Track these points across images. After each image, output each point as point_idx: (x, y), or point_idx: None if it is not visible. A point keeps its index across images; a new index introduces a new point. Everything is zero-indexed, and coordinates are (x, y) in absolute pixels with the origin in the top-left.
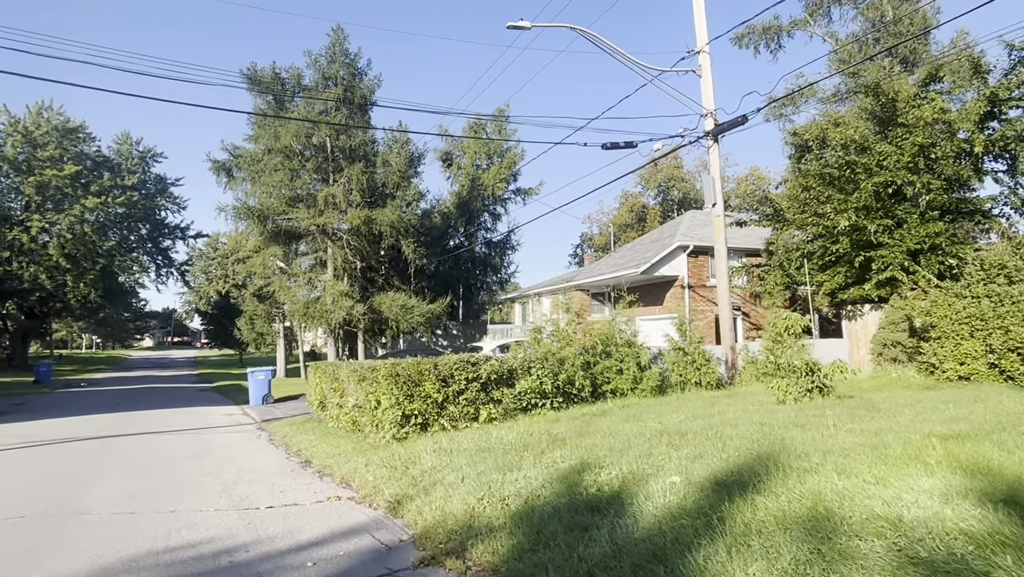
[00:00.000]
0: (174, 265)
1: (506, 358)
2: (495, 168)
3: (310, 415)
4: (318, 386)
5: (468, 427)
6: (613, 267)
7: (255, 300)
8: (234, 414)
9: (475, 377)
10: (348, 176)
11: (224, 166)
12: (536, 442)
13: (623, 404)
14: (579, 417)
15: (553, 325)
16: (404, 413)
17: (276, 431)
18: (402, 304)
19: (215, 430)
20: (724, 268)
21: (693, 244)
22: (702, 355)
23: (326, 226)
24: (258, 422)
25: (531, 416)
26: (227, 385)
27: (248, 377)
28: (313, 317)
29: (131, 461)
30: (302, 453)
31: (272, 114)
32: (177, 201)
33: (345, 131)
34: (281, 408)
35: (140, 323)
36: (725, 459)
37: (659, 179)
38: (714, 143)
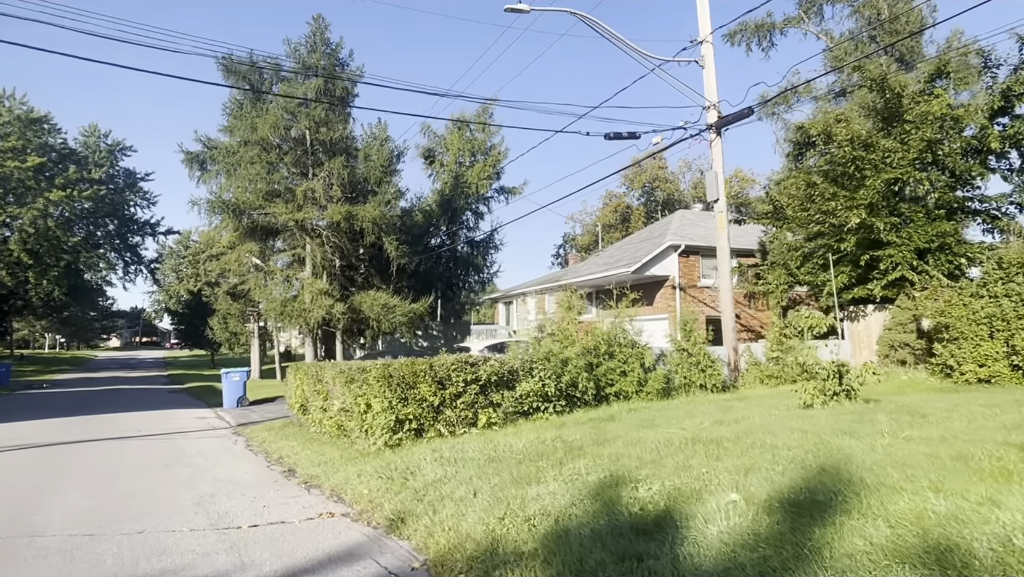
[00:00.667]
0: (143, 262)
1: (505, 359)
2: (479, 166)
3: (289, 419)
4: (299, 388)
5: (466, 433)
6: (602, 267)
7: (228, 299)
8: (207, 417)
9: (474, 379)
10: (328, 170)
11: (197, 158)
12: (550, 451)
13: (630, 408)
14: (586, 422)
15: (554, 324)
16: (398, 418)
17: (254, 436)
18: (384, 303)
19: (187, 435)
20: (727, 267)
21: (684, 244)
22: (707, 357)
23: (305, 222)
24: (233, 426)
25: (533, 421)
26: (199, 387)
27: (222, 378)
28: (291, 316)
29: (94, 470)
30: (284, 461)
31: (249, 103)
32: (147, 196)
33: (325, 123)
34: (257, 411)
35: (107, 323)
36: (782, 472)
37: (643, 180)
38: (717, 136)
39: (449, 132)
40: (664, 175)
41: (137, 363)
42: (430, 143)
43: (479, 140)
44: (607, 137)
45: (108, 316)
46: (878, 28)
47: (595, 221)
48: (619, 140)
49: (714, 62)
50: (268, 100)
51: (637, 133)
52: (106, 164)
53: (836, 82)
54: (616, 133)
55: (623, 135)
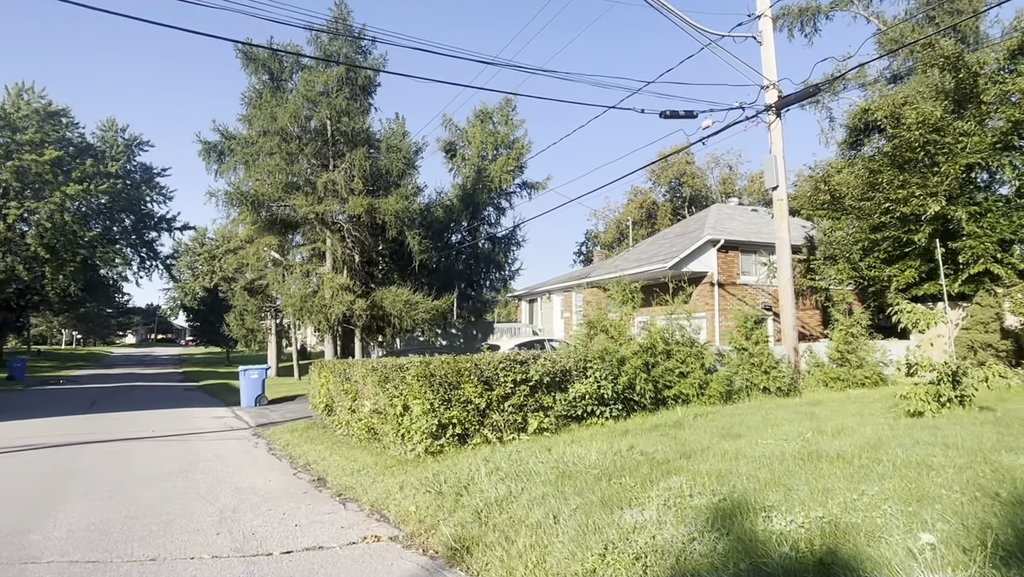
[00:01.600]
0: (159, 258)
1: (556, 357)
2: (502, 159)
3: (312, 419)
4: (323, 387)
5: (515, 439)
6: (635, 262)
7: (246, 294)
8: (225, 417)
9: (523, 379)
10: (350, 161)
11: (215, 148)
12: (631, 465)
13: (695, 413)
14: (652, 429)
15: (606, 320)
16: (440, 422)
17: (275, 438)
18: (406, 300)
19: (204, 436)
20: (787, 259)
21: (724, 238)
22: (770, 357)
23: (325, 215)
24: (253, 427)
25: (587, 426)
26: (215, 384)
27: (240, 376)
28: (310, 312)
29: (103, 477)
30: (312, 468)
31: (269, 92)
32: (163, 192)
33: (347, 113)
34: (277, 410)
35: (123, 319)
36: (969, 502)
37: (670, 175)
38: (776, 118)
39: (471, 125)
40: (691, 170)
41: (152, 360)
42: (451, 136)
43: (502, 133)
44: (663, 115)
45: (124, 313)
46: (937, 8)
47: (620, 217)
48: (675, 119)
49: (773, 38)
50: (288, 89)
51: (694, 112)
52: (122, 159)
53: (887, 68)
54: (672, 111)
55: (680, 113)
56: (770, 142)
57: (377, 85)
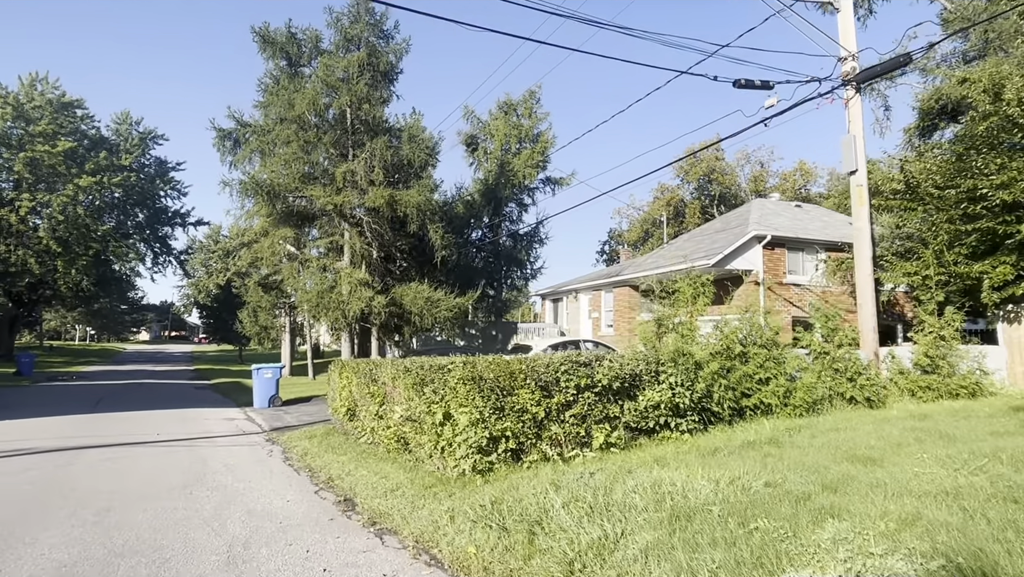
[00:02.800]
0: (172, 253)
1: (624, 359)
2: (527, 152)
3: (331, 424)
4: (345, 389)
5: (577, 456)
6: (672, 260)
7: (260, 290)
8: (236, 419)
9: (588, 385)
10: (370, 151)
11: (230, 136)
12: (761, 500)
13: (784, 427)
14: (744, 448)
15: (672, 318)
16: (491, 434)
17: (292, 445)
18: (427, 297)
19: (214, 442)
20: (867, 252)
21: (771, 234)
22: (856, 363)
23: (344, 207)
24: (267, 431)
25: (659, 441)
26: (226, 383)
27: (253, 375)
28: (327, 309)
29: (92, 492)
30: (336, 485)
31: (287, 78)
32: (177, 187)
33: (368, 100)
34: (292, 413)
35: (137, 316)
36: None
37: (699, 172)
38: (855, 93)
39: (493, 118)
40: (721, 167)
41: (164, 357)
42: (473, 129)
43: (526, 127)
44: (736, 84)
45: (138, 309)
46: None
47: (646, 215)
48: (750, 88)
49: (851, 5)
50: (306, 75)
51: (770, 82)
52: (137, 152)
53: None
54: (748, 80)
55: (755, 83)
56: (847, 120)
57: (399, 72)
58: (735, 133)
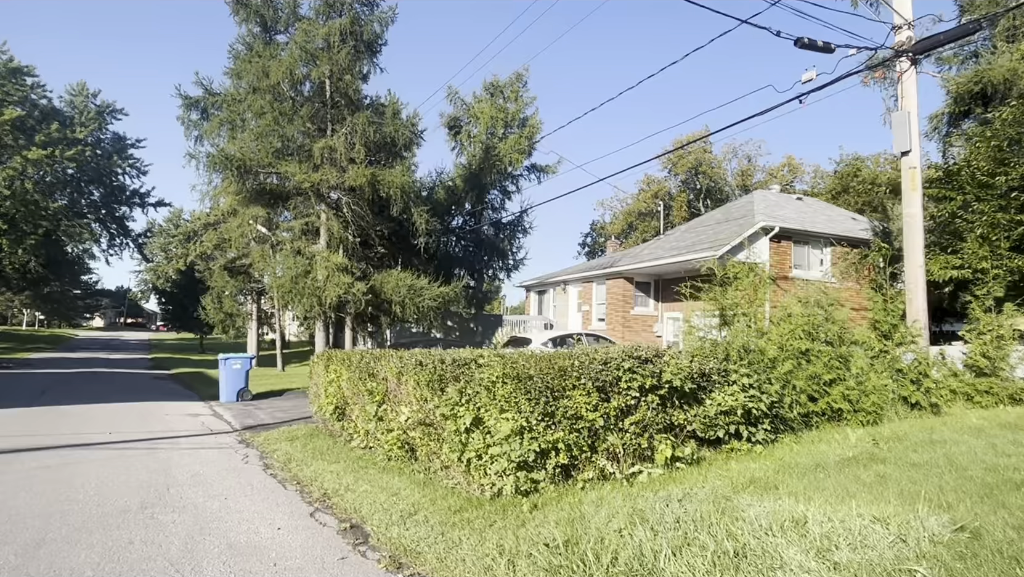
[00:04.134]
0: (130, 235)
1: (692, 355)
2: (514, 137)
3: (312, 423)
4: (332, 384)
5: (641, 473)
6: (672, 251)
7: (225, 274)
8: (202, 415)
9: (653, 385)
10: (351, 127)
11: (197, 105)
12: (989, 561)
13: (871, 436)
14: (843, 465)
15: (739, 307)
16: (540, 447)
17: (271, 449)
18: (410, 285)
19: (177, 443)
20: (919, 240)
21: (779, 226)
22: (923, 363)
23: (321, 185)
24: (238, 430)
25: (728, 455)
26: (188, 373)
27: (219, 365)
28: (301, 295)
29: (23, 515)
30: (334, 504)
31: (261, 44)
32: (137, 165)
33: (349, 71)
34: (264, 408)
35: (90, 301)
36: None
37: (687, 164)
38: (911, 66)
39: (477, 101)
40: (709, 159)
41: (120, 344)
42: (457, 111)
43: (512, 110)
44: (798, 43)
45: (92, 294)
46: None
47: (632, 206)
48: (812, 49)
49: None
50: (282, 43)
51: (831, 45)
52: (93, 125)
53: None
54: (810, 40)
55: (817, 44)
56: (900, 96)
57: (383, 43)
58: (766, 110)
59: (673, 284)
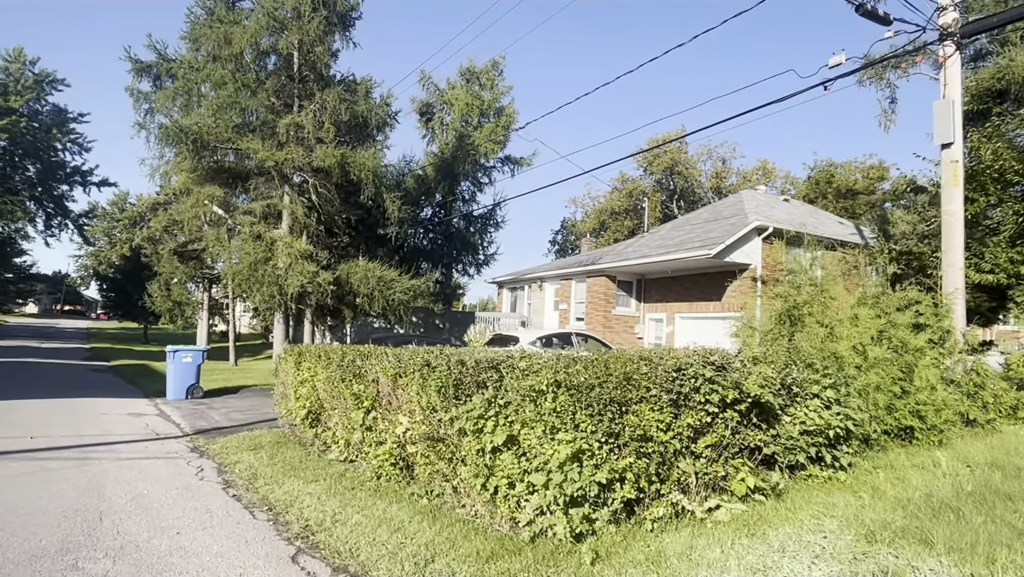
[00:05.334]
0: (70, 216)
1: (774, 361)
2: (489, 127)
3: (276, 427)
4: (306, 385)
5: (719, 508)
6: (661, 249)
7: (175, 260)
8: (146, 415)
9: (735, 399)
10: (320, 103)
11: (149, 70)
12: None
13: (960, 460)
14: (965, 500)
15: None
16: (605, 477)
17: (231, 460)
18: (379, 276)
19: (115, 451)
20: (959, 241)
21: (772, 226)
22: (982, 375)
23: (286, 165)
24: (190, 435)
25: (807, 484)
26: (130, 366)
27: (167, 358)
28: (260, 283)
29: None
30: (322, 542)
31: (224, 7)
32: (79, 140)
33: (321, 42)
34: (218, 408)
35: (23, 286)
36: None
37: (663, 163)
38: (956, 51)
39: (452, 87)
40: (685, 159)
41: (55, 332)
42: (429, 97)
43: (488, 99)
44: (859, 10)
45: (25, 279)
46: None
47: (604, 204)
48: (872, 19)
49: None
50: (246, 9)
51: (889, 16)
52: (29, 95)
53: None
54: (873, 8)
55: (878, 13)
56: (942, 84)
57: (358, 17)
58: (790, 95)
59: (657, 284)
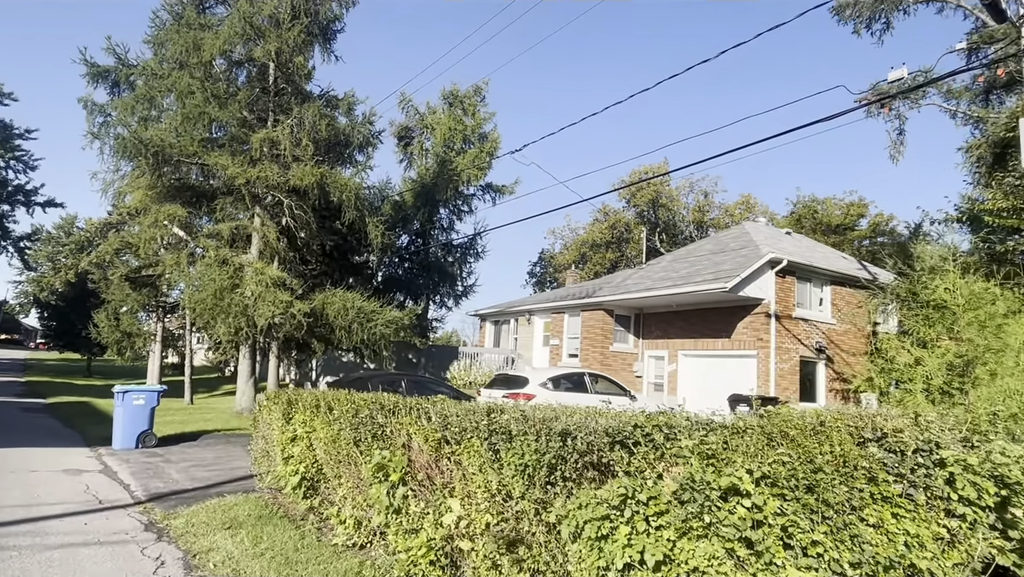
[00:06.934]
0: (11, 238)
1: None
2: (473, 152)
3: (253, 490)
4: (300, 443)
5: None
6: (666, 281)
7: (127, 286)
8: (86, 472)
9: (1003, 499)
10: (298, 118)
11: (106, 76)
12: None
13: None
14: None
15: None
16: None
17: (202, 546)
18: (359, 307)
19: (42, 534)
20: None
21: (787, 260)
22: None
23: (258, 184)
24: (143, 503)
25: None
26: (70, 404)
27: (116, 400)
28: (226, 313)
29: None
30: None
31: (193, 11)
32: (24, 158)
33: (301, 52)
34: (177, 461)
35: None
36: None
37: (647, 195)
38: None
39: (431, 112)
40: (668, 192)
41: None
42: (409, 120)
43: (470, 125)
44: None
45: None
46: None
47: (585, 236)
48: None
49: None
50: (219, 15)
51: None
52: None
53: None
54: None
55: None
56: None
57: (340, 30)
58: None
59: (658, 319)
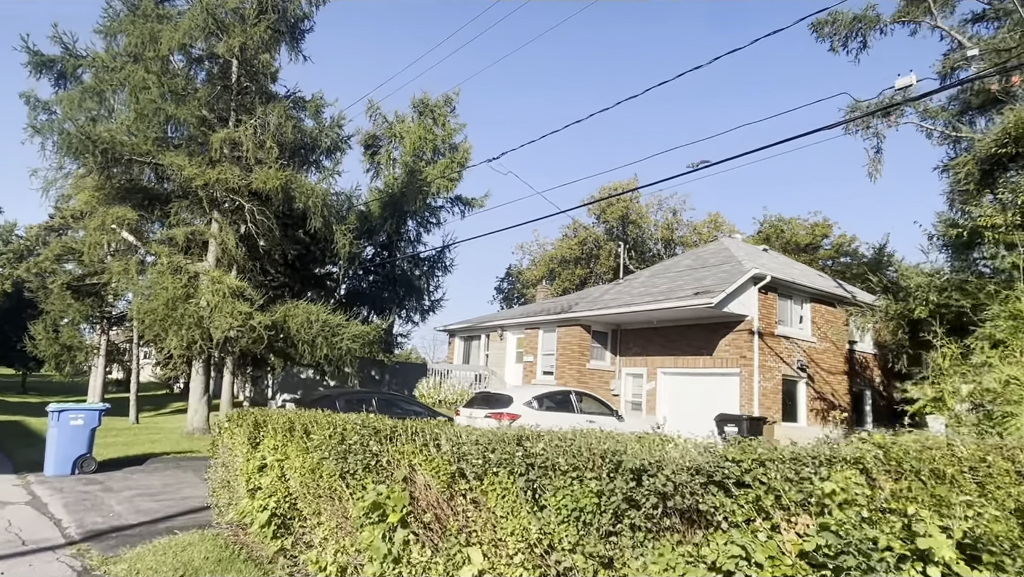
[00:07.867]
0: None
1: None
2: (443, 163)
3: (209, 524)
4: (270, 473)
5: None
6: (646, 297)
7: (68, 295)
8: (10, 505)
9: None
10: (262, 119)
11: (51, 66)
12: None
13: None
14: None
15: None
16: None
17: None
18: (324, 320)
19: None
20: None
21: (770, 276)
22: None
23: (217, 187)
24: (77, 542)
25: None
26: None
27: (50, 420)
28: (179, 325)
29: None
30: None
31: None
32: None
33: (267, 49)
34: (119, 489)
35: None
36: None
37: (617, 211)
38: None
39: (400, 120)
40: (638, 209)
41: None
42: (376, 129)
43: (440, 136)
44: None
45: None
46: None
47: (554, 252)
48: None
49: None
50: (178, 7)
51: None
52: None
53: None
54: None
55: None
56: None
57: (309, 29)
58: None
59: (636, 335)
